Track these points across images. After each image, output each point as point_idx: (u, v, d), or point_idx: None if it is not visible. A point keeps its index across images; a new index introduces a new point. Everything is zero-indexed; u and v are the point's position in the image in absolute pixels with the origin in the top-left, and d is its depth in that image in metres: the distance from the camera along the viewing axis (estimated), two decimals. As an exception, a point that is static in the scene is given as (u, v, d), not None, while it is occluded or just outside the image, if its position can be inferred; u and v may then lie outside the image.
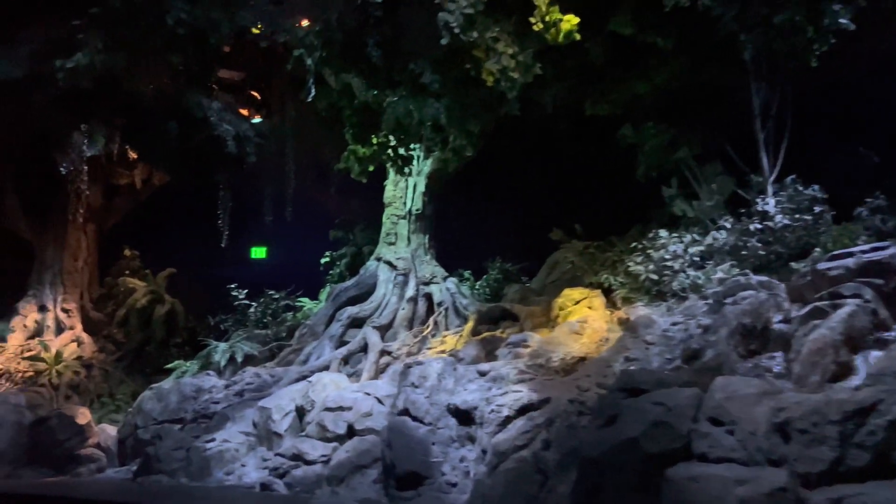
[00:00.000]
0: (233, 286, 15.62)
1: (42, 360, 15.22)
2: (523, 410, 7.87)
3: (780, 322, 8.11)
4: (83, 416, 12.55)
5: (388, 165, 13.93)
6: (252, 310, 15.41)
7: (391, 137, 9.84)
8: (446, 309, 13.41)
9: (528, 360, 9.35)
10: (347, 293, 14.40)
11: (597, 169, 12.97)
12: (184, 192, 18.53)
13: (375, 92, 9.52)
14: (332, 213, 17.85)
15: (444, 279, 13.91)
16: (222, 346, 13.93)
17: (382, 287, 14.12)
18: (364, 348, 13.16)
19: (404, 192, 14.50)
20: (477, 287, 14.32)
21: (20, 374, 14.97)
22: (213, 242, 18.64)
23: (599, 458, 6.39)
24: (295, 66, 10.02)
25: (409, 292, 13.95)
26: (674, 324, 9.20)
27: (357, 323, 13.85)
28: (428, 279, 13.99)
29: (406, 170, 11.62)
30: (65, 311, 16.75)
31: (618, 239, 12.42)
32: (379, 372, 12.55)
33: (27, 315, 16.55)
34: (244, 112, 15.85)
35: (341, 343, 13.54)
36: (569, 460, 7.43)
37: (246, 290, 15.68)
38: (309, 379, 11.81)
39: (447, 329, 13.13)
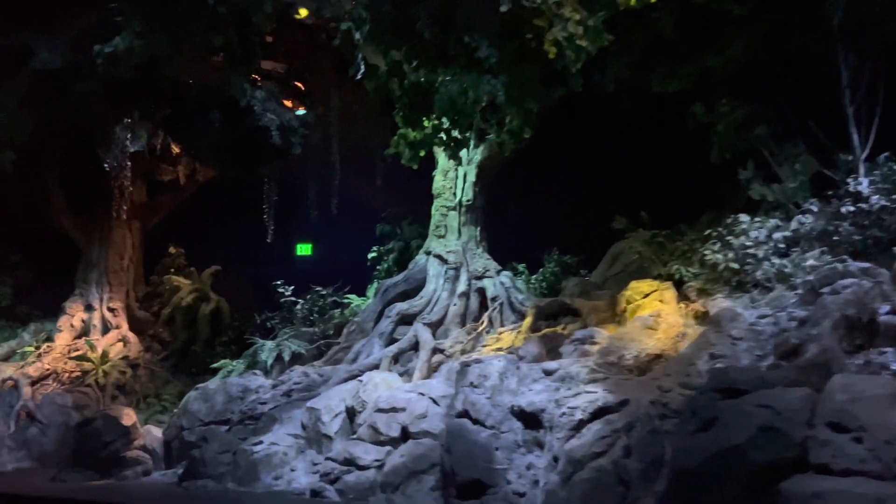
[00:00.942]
0: (279, 283, 15.13)
1: (88, 359, 14.97)
2: (599, 413, 7.08)
3: (887, 313, 7.20)
4: (128, 417, 12.18)
5: (441, 150, 13.24)
6: (299, 307, 14.90)
7: (444, 119, 9.15)
8: (501, 304, 12.66)
9: (597, 357, 8.55)
10: (396, 289, 13.78)
11: (663, 152, 12.06)
12: (228, 188, 18.18)
13: (427, 71, 8.83)
14: (378, 206, 17.27)
15: (498, 273, 13.16)
16: (269, 344, 13.44)
17: (432, 282, 13.45)
18: (415, 346, 12.51)
19: (454, 182, 13.80)
20: (532, 281, 13.53)
21: (67, 375, 14.75)
22: (258, 239, 18.29)
23: (696, 469, 5.59)
24: (340, 49, 9.41)
25: (461, 287, 13.24)
26: (761, 317, 8.30)
27: (407, 320, 13.22)
28: (480, 273, 13.26)
29: (457, 158, 10.90)
30: (111, 310, 16.51)
31: (687, 227, 11.50)
32: (431, 371, 11.89)
33: (74, 314, 16.37)
34: (287, 104, 15.36)
35: (391, 341, 12.92)
36: (653, 469, 6.64)
37: (292, 287, 15.17)
38: (359, 378, 11.21)
39: (502, 325, 12.39)
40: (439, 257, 13.51)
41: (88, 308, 16.53)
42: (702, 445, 5.64)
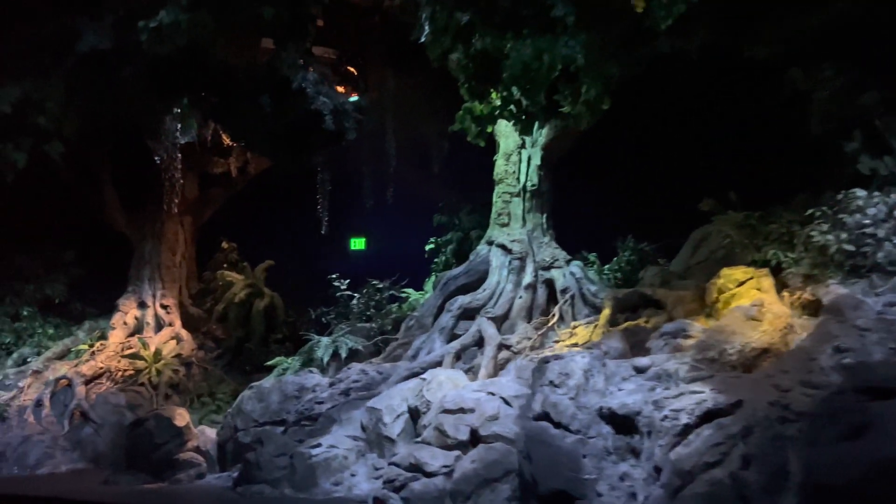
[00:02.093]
0: (333, 276, 14.47)
1: (142, 358, 14.60)
2: (709, 416, 6.10)
3: None
4: (181, 417, 11.66)
5: (502, 136, 12.42)
6: (354, 301, 14.21)
7: (513, 90, 8.26)
8: (572, 296, 11.69)
9: (695, 353, 7.53)
10: (457, 281, 12.93)
11: (751, 125, 10.90)
12: (279, 181, 17.71)
13: (495, 36, 7.95)
14: (434, 196, 16.46)
15: (568, 263, 12.19)
16: (325, 340, 12.77)
17: (496, 274, 12.56)
18: (479, 342, 11.66)
19: (517, 166, 12.87)
20: (605, 271, 12.50)
21: (120, 373, 14.39)
22: (311, 232, 17.80)
23: (846, 486, 4.58)
24: (401, 18, 8.62)
25: (527, 279, 12.32)
26: (889, 304, 7.17)
27: (469, 314, 12.37)
28: (548, 263, 12.31)
29: (528, 132, 10.00)
30: (164, 307, 16.15)
31: (782, 208, 10.33)
32: (497, 368, 11.03)
33: (127, 312, 16.04)
34: (339, 90, 14.70)
35: (452, 336, 12.10)
36: (775, 482, 5.64)
37: (347, 281, 14.49)
38: (422, 376, 10.42)
39: (574, 319, 11.43)
40: (502, 247, 12.61)
41: (142, 305, 16.20)
42: (851, 457, 4.64)
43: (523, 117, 8.64)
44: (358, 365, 11.89)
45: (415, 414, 9.78)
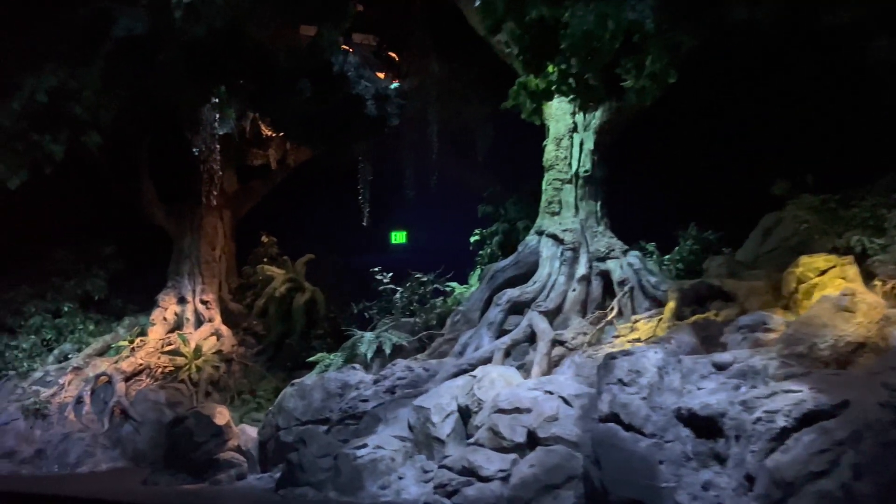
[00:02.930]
0: (376, 269, 13.95)
1: (181, 354, 14.28)
2: (809, 419, 5.36)
3: None
4: (221, 415, 11.25)
5: (567, 100, 11.46)
6: (398, 295, 13.66)
7: (574, 62, 7.59)
8: (631, 289, 10.95)
9: (781, 347, 6.77)
10: (504, 274, 12.29)
11: (828, 100, 10.02)
12: (319, 173, 17.31)
13: (553, 1, 7.29)
14: (478, 186, 15.82)
15: (625, 253, 11.44)
16: (368, 335, 12.25)
17: (546, 265, 11.88)
18: (530, 337, 11.00)
19: (568, 151, 12.15)
20: (666, 261, 11.73)
21: (160, 370, 14.09)
22: (350, 226, 17.40)
23: None
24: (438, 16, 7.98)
25: (581, 270, 11.61)
26: None
27: (518, 308, 11.72)
28: (603, 254, 11.58)
29: (587, 106, 9.29)
30: (203, 302, 15.83)
31: (864, 190, 9.46)
32: (551, 365, 10.37)
33: (167, 307, 15.77)
34: (380, 76, 14.17)
35: (501, 331, 11.46)
36: (892, 496, 4.87)
37: (390, 274, 13.97)
38: (472, 373, 9.82)
39: (634, 313, 10.69)
40: (553, 237, 11.92)
41: (181, 301, 15.91)
42: None
43: (583, 92, 7.94)
44: (403, 361, 11.34)
45: (465, 413, 9.20)
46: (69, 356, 14.61)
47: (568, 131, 12.20)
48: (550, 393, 8.35)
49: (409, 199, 16.44)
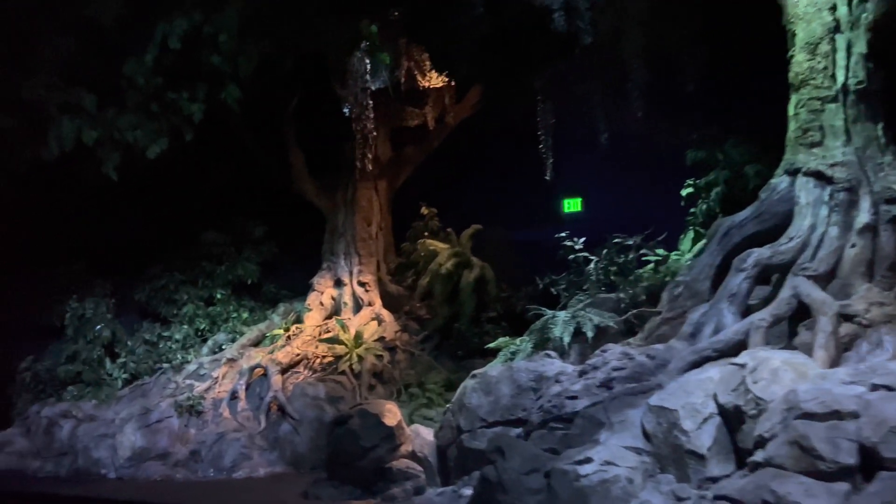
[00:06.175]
0: (563, 234, 11.40)
1: (341, 342, 12.51)
2: None
3: None
4: (391, 414, 9.22)
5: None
6: (591, 266, 11.03)
7: None
8: (946, 237, 7.64)
9: None
10: (743, 230, 9.25)
11: None
12: (478, 135, 15.04)
13: None
14: (679, 132, 12.78)
15: (927, 190, 8.13)
16: (562, 315, 9.76)
17: (807, 215, 8.73)
18: (796, 311, 8.00)
19: (830, 58, 8.91)
20: None
21: (318, 360, 12.43)
22: (515, 194, 15.12)
23: None
24: None
25: (862, 218, 8.36)
26: None
27: (767, 273, 8.75)
28: (894, 194, 8.32)
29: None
30: (361, 284, 14.06)
31: None
32: (840, 349, 7.37)
33: (323, 291, 14.17)
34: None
35: (747, 306, 8.54)
36: None
37: (583, 239, 11.35)
38: (734, 361, 7.03)
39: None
40: (817, 175, 8.73)
41: (338, 283, 14.25)
42: None
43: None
44: (616, 347, 8.71)
45: (733, 417, 6.47)
46: (223, 347, 13.34)
47: (826, 33, 8.98)
48: (889, 388, 5.45)
49: (589, 156, 13.71)
